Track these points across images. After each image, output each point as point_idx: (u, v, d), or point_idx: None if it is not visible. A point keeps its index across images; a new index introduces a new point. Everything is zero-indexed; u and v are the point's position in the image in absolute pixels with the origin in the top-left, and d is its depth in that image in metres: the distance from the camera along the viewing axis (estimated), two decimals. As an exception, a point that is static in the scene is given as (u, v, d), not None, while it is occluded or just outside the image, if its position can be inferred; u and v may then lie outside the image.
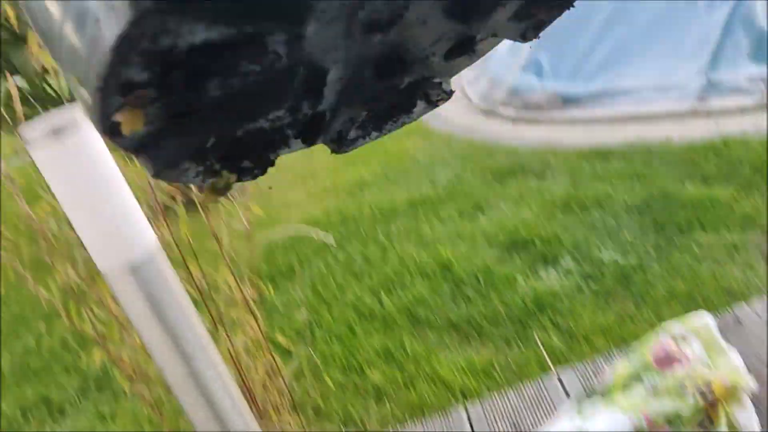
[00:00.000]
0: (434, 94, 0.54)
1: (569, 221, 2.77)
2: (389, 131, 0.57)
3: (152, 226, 1.82)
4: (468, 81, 4.88)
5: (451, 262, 2.76)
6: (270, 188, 3.45)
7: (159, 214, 1.91)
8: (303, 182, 4.29)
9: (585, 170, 3.14)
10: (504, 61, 4.55)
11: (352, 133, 0.54)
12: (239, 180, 0.51)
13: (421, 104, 0.55)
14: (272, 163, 0.51)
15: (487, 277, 2.58)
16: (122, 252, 1.73)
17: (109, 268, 1.73)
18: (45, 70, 3.93)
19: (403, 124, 0.57)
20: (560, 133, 3.69)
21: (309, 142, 0.52)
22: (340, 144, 0.54)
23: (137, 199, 1.77)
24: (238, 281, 2.10)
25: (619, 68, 3.85)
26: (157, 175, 0.44)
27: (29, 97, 3.87)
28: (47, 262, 1.92)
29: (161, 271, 1.81)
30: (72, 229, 1.89)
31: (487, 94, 4.47)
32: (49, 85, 3.92)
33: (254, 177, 0.52)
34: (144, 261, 1.77)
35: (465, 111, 4.53)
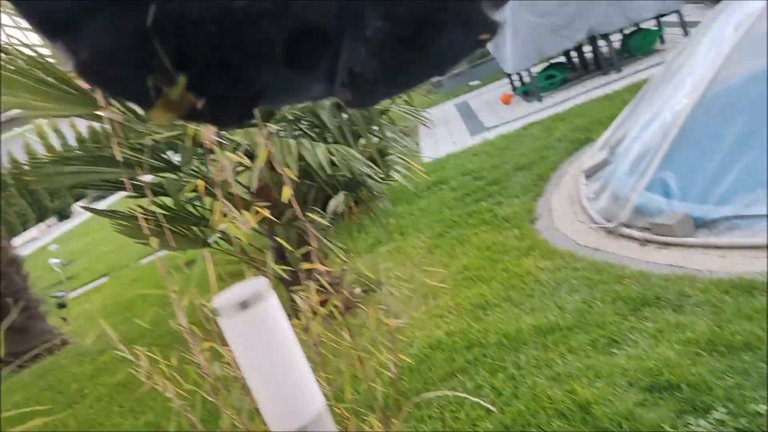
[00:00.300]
0: (472, 17, 0.39)
1: (717, 365, 2.64)
2: (417, 81, 0.43)
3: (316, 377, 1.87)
4: (587, 197, 4.86)
5: (590, 403, 2.67)
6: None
7: (319, 367, 1.98)
8: (423, 300, 4.33)
9: (728, 305, 3.01)
10: (625, 179, 4.51)
11: (369, 71, 0.40)
12: (217, 123, 0.39)
13: (455, 30, 0.40)
14: (258, 96, 0.38)
15: (632, 424, 2.47)
16: (295, 416, 1.79)
17: (282, 429, 1.79)
18: (193, 191, 4.25)
19: (435, 70, 0.41)
20: (694, 259, 3.56)
21: (308, 69, 0.38)
22: (355, 88, 0.40)
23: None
24: (387, 427, 2.12)
25: (753, 192, 3.72)
26: (83, 69, 0.33)
27: (173, 215, 4.17)
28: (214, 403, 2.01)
29: (327, 429, 1.85)
30: (241, 381, 1.97)
31: (609, 213, 4.41)
32: (194, 206, 4.22)
33: (237, 121, 0.39)
34: (313, 421, 1.82)
35: (586, 229, 4.48)
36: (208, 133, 1.76)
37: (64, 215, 18.39)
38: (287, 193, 1.93)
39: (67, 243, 13.60)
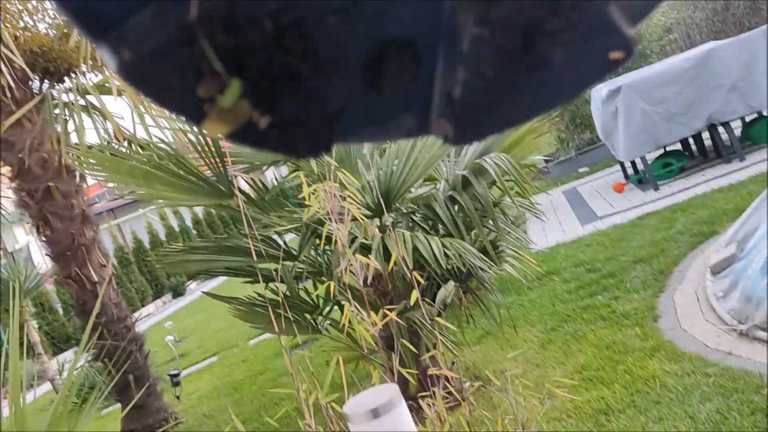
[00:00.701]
0: (596, 26, 0.31)
1: None
2: (532, 110, 0.34)
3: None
4: (715, 296, 4.57)
5: None
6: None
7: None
8: (538, 400, 4.14)
9: None
10: (758, 278, 4.21)
11: (471, 96, 0.32)
12: (289, 151, 0.33)
13: (575, 42, 0.31)
14: (335, 119, 0.32)
15: None
16: None
17: None
18: (300, 276, 4.36)
19: (553, 97, 0.33)
20: None
21: (395, 91, 0.32)
22: (456, 119, 0.33)
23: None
24: None
25: None
26: (126, 70, 0.29)
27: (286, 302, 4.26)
28: None
29: None
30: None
31: (741, 313, 4.11)
32: (306, 291, 4.31)
33: (312, 149, 0.33)
34: None
35: (716, 330, 4.19)
36: (341, 234, 1.81)
37: (178, 292, 19.29)
38: (415, 295, 1.92)
39: (180, 320, 14.18)
